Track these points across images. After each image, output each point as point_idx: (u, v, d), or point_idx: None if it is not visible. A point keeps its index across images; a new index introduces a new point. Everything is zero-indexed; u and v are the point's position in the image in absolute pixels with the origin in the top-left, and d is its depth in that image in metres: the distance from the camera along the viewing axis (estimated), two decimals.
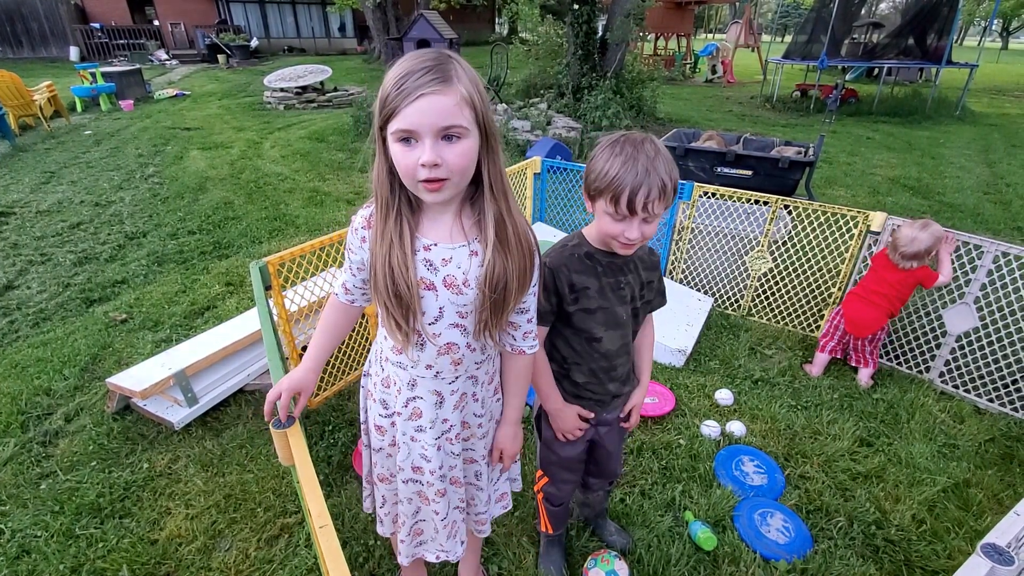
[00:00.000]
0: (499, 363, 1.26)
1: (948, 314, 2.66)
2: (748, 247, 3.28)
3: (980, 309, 2.59)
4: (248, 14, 20.40)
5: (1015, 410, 2.54)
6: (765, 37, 26.33)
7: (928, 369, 2.79)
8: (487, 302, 1.02)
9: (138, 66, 12.10)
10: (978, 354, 2.62)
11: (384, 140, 0.94)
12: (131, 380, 2.32)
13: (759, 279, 3.31)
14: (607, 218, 1.18)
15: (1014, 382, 2.56)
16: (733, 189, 3.19)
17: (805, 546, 1.86)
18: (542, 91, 9.72)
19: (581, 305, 1.29)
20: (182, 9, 19.06)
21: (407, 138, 0.89)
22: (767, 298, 3.37)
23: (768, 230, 3.12)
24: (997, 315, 2.57)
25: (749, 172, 5.10)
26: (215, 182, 5.86)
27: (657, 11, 16.39)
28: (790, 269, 3.23)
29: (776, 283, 3.29)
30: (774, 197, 3.08)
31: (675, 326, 3.02)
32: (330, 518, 0.97)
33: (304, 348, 2.04)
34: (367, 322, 2.69)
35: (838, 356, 2.87)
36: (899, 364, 2.90)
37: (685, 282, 3.57)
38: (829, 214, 3.01)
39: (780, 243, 3.27)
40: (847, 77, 14.55)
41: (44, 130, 8.01)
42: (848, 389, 2.70)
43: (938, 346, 2.73)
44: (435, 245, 1.02)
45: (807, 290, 3.20)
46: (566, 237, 1.35)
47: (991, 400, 2.60)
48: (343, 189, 5.71)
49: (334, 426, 2.38)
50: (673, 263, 3.56)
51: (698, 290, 3.52)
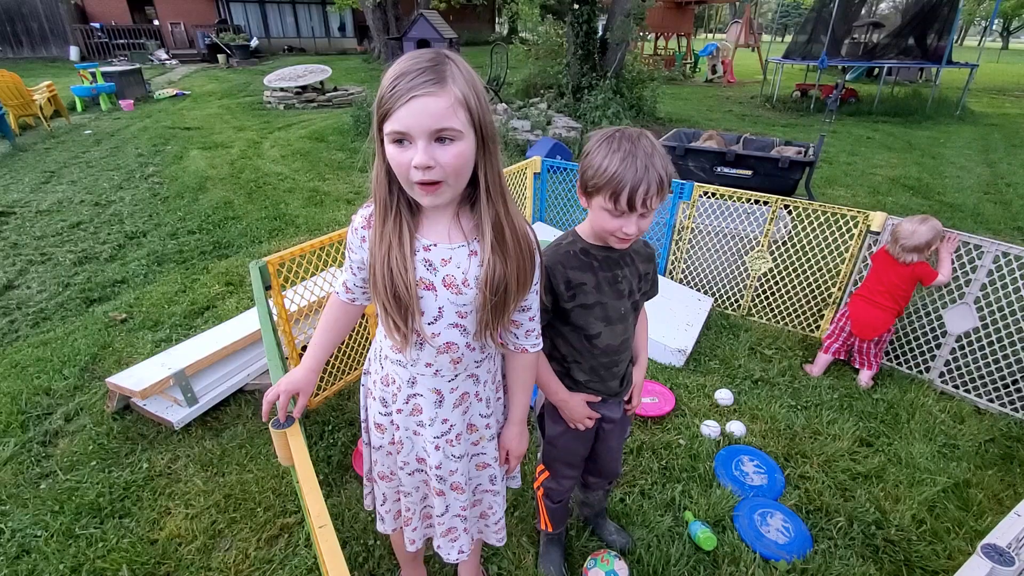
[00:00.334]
0: (500, 362, 1.25)
1: (948, 314, 2.66)
2: (748, 247, 3.28)
3: (980, 309, 2.59)
4: (248, 14, 20.41)
5: (1015, 410, 2.53)
6: (765, 37, 26.34)
7: (928, 369, 2.79)
8: (487, 304, 1.02)
9: (138, 66, 12.09)
10: (978, 354, 2.62)
11: (382, 141, 0.93)
12: (131, 380, 2.32)
13: (759, 279, 3.31)
14: (605, 214, 1.18)
15: (1014, 382, 2.56)
16: (733, 189, 3.19)
17: (805, 546, 1.86)
18: (542, 91, 9.72)
19: (578, 301, 1.30)
20: (182, 9, 19.07)
21: (401, 139, 0.89)
22: (767, 298, 3.37)
23: (768, 230, 3.12)
24: (997, 315, 2.57)
25: (749, 172, 5.10)
26: (215, 182, 5.86)
27: (657, 11, 16.40)
28: (790, 269, 3.23)
29: (776, 283, 3.29)
30: (774, 197, 3.08)
31: (675, 326, 3.02)
32: (329, 518, 0.97)
33: (304, 348, 2.04)
34: (367, 321, 2.69)
35: (842, 358, 2.87)
36: (899, 364, 2.90)
37: (685, 282, 3.57)
38: (829, 214, 3.01)
39: (780, 243, 3.26)
40: (847, 77, 14.55)
41: (44, 130, 8.00)
42: (848, 389, 2.70)
43: (938, 346, 2.73)
44: (434, 245, 1.02)
45: (807, 290, 3.20)
46: (560, 236, 1.35)
47: (991, 400, 2.60)
48: (343, 189, 5.71)
49: (334, 426, 2.38)
50: (673, 263, 3.56)
51: (698, 290, 3.52)
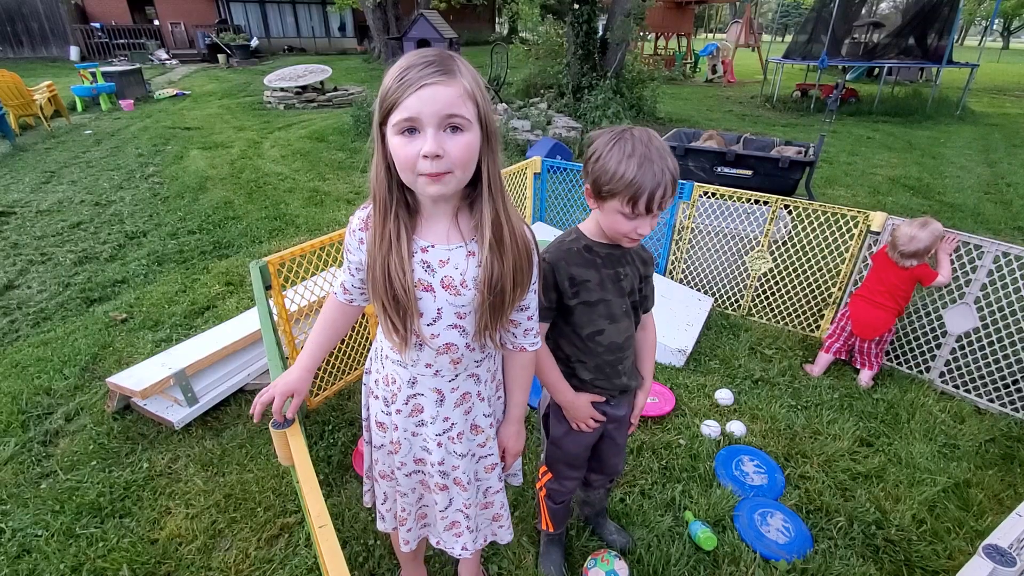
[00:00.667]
0: (500, 361, 1.25)
1: (948, 314, 2.66)
2: (748, 247, 3.27)
3: (980, 309, 2.59)
4: (248, 14, 20.41)
5: (1015, 410, 2.53)
6: (765, 37, 26.32)
7: (928, 369, 2.79)
8: (485, 304, 1.02)
9: (138, 66, 12.09)
10: (978, 354, 2.62)
11: (383, 138, 0.93)
12: (131, 380, 2.32)
13: (759, 279, 3.31)
14: (619, 217, 1.19)
15: (1014, 382, 2.56)
16: (733, 189, 3.19)
17: (805, 546, 1.86)
18: (542, 91, 9.71)
19: (582, 298, 1.30)
20: (182, 9, 19.07)
21: (409, 128, 0.88)
22: (767, 298, 3.37)
23: (768, 230, 3.12)
24: (997, 315, 2.57)
25: (749, 172, 5.10)
26: (215, 182, 5.86)
27: (657, 11, 16.40)
28: (790, 269, 3.23)
29: (776, 283, 3.29)
30: (774, 197, 3.08)
31: (675, 326, 3.02)
32: (330, 518, 0.97)
33: None
34: (367, 321, 2.69)
35: (843, 358, 2.87)
36: (899, 364, 2.90)
37: (685, 282, 3.57)
38: (829, 214, 3.01)
39: (780, 243, 3.26)
40: (847, 77, 14.55)
41: (44, 130, 8.01)
42: (848, 389, 2.70)
43: (938, 346, 2.73)
44: (432, 247, 1.01)
45: (807, 290, 3.20)
46: (562, 234, 1.35)
47: (991, 400, 2.60)
48: (343, 189, 5.71)
49: (334, 426, 2.38)
50: (673, 263, 3.56)
51: (698, 290, 3.52)
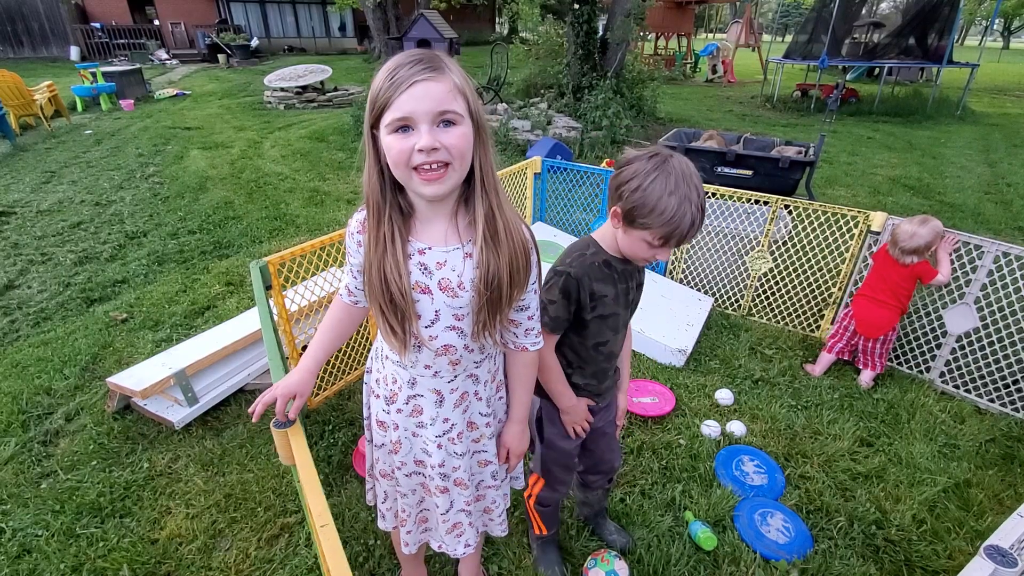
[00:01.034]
0: (501, 361, 1.25)
1: (948, 314, 2.66)
2: (748, 247, 3.27)
3: (980, 309, 2.59)
4: (248, 14, 20.40)
5: (1016, 410, 2.53)
6: (766, 37, 26.29)
7: (928, 369, 2.79)
8: (483, 302, 1.02)
9: (138, 66, 12.10)
10: (978, 354, 2.62)
11: (374, 141, 0.93)
12: (131, 380, 2.32)
13: (759, 279, 3.31)
14: (643, 244, 1.18)
15: (1015, 382, 2.56)
16: (733, 189, 3.19)
17: (805, 546, 1.86)
18: (542, 91, 9.71)
19: (598, 312, 1.30)
20: (182, 9, 19.06)
21: (403, 127, 0.88)
22: (767, 298, 3.37)
23: (768, 230, 3.12)
24: (997, 315, 2.57)
25: (749, 172, 5.10)
26: (215, 182, 5.87)
27: (657, 11, 16.39)
28: (790, 269, 3.23)
29: (776, 283, 3.29)
30: (774, 197, 3.07)
31: (675, 326, 3.02)
32: (331, 517, 0.97)
33: (305, 347, 2.03)
34: (368, 321, 2.69)
35: (845, 358, 2.87)
36: (899, 364, 2.90)
37: (685, 282, 3.57)
38: (829, 214, 3.01)
39: (780, 243, 3.26)
40: (848, 77, 14.55)
41: (45, 130, 8.01)
42: (848, 389, 2.70)
43: (938, 346, 2.73)
44: (429, 249, 1.01)
45: (807, 290, 3.20)
46: (580, 244, 1.32)
47: (992, 400, 2.60)
48: (343, 189, 5.71)
49: (334, 426, 2.38)
50: (673, 263, 3.56)
51: (698, 290, 3.52)
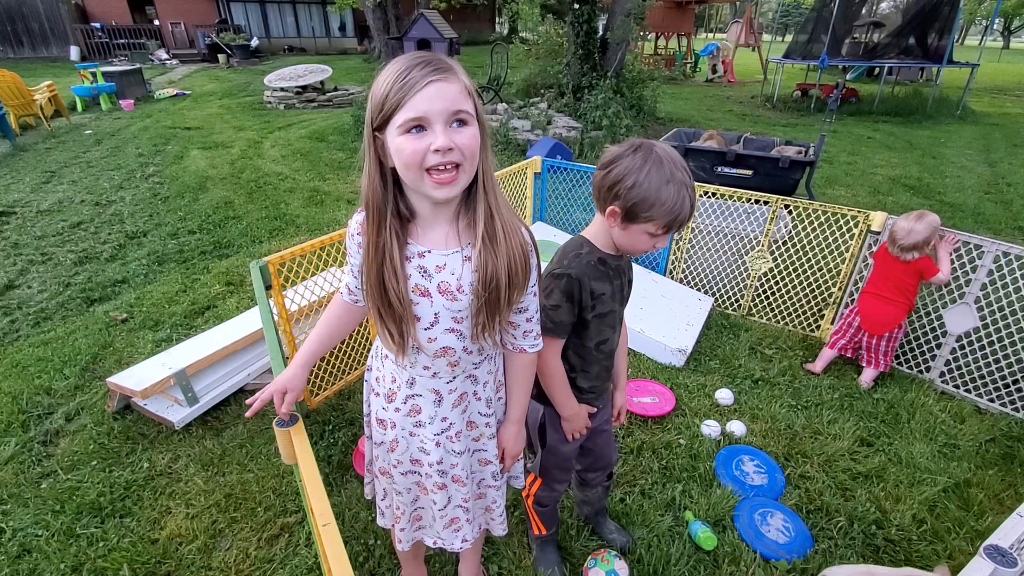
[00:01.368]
0: (501, 362, 1.25)
1: (948, 314, 2.66)
2: (748, 247, 3.27)
3: (980, 309, 2.59)
4: (248, 14, 20.40)
5: (1016, 410, 2.53)
6: (766, 36, 26.29)
7: (928, 369, 2.79)
8: (481, 305, 1.02)
9: (138, 66, 12.10)
10: (979, 354, 2.62)
11: (376, 144, 0.93)
12: (131, 379, 2.32)
13: (759, 279, 3.31)
14: (645, 237, 1.19)
15: (1015, 382, 2.56)
16: (733, 189, 3.19)
17: (805, 546, 1.86)
18: (542, 91, 9.70)
19: (597, 311, 1.29)
20: (182, 9, 19.06)
21: (416, 127, 0.88)
22: (767, 298, 3.37)
23: (768, 230, 3.12)
24: (998, 315, 2.56)
25: (749, 172, 5.09)
26: (215, 181, 5.86)
27: (658, 10, 16.38)
28: (790, 269, 3.23)
29: (776, 283, 3.29)
30: (774, 197, 3.07)
31: (675, 326, 3.02)
32: (333, 517, 0.97)
33: None
34: (367, 321, 2.69)
35: (848, 355, 2.86)
36: (899, 364, 2.90)
37: (685, 282, 3.57)
38: (829, 214, 3.01)
39: (780, 243, 3.26)
40: (848, 77, 14.55)
41: (45, 130, 8.01)
42: (848, 389, 2.70)
43: (938, 346, 2.73)
44: (429, 252, 1.01)
45: (807, 290, 3.20)
46: (573, 244, 1.30)
47: (992, 400, 2.60)
48: (343, 189, 5.71)
49: (335, 425, 2.38)
50: (673, 263, 3.56)
51: (698, 290, 3.52)
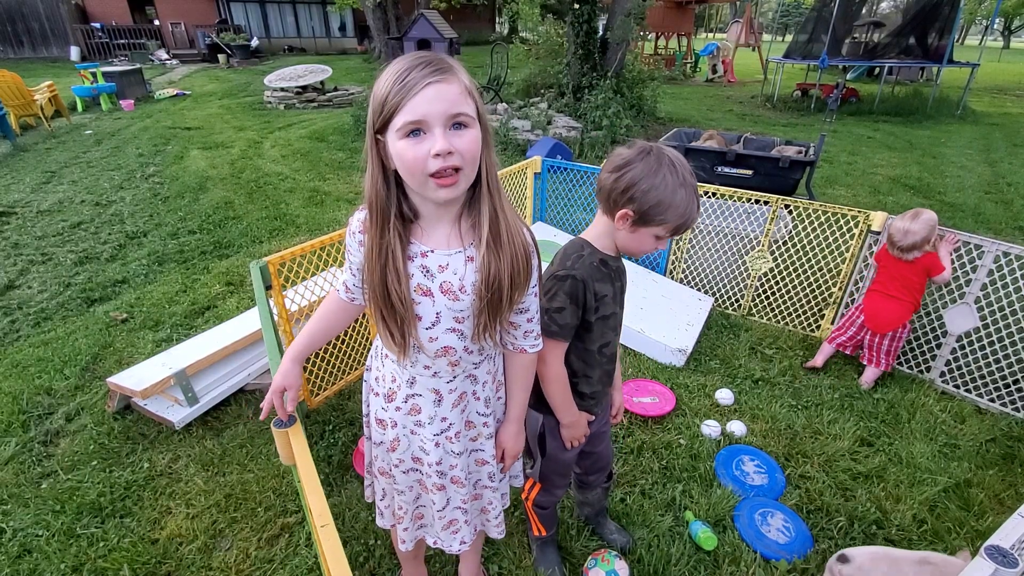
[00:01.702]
0: (501, 362, 1.25)
1: (949, 314, 2.65)
2: (748, 247, 3.27)
3: (981, 309, 2.59)
4: (248, 14, 20.40)
5: (1016, 410, 2.53)
6: (766, 36, 26.28)
7: (929, 369, 2.78)
8: (483, 305, 1.02)
9: (139, 66, 12.10)
10: (979, 354, 2.62)
11: (378, 146, 0.92)
12: (132, 380, 2.32)
13: (759, 279, 3.31)
14: (651, 239, 1.20)
15: (1015, 382, 2.55)
16: (733, 189, 3.19)
17: (805, 546, 1.86)
18: (542, 91, 9.71)
19: (600, 313, 1.29)
20: (182, 9, 19.07)
21: (415, 130, 0.87)
22: (767, 298, 3.37)
23: (768, 230, 3.12)
24: (998, 315, 2.56)
25: (749, 172, 5.09)
26: (215, 182, 5.87)
27: (658, 10, 16.38)
28: (790, 269, 3.23)
29: (776, 283, 3.29)
30: (774, 197, 3.07)
31: (675, 326, 3.02)
32: (331, 517, 0.97)
33: None
34: (367, 321, 2.69)
35: (848, 352, 2.86)
36: (900, 364, 2.89)
37: (685, 282, 3.57)
38: (830, 214, 3.01)
39: (780, 243, 3.26)
40: (848, 76, 14.54)
41: (45, 130, 8.01)
42: (849, 389, 2.70)
43: (939, 346, 2.73)
44: (432, 252, 1.01)
45: (807, 290, 3.20)
46: (574, 247, 1.29)
47: (992, 400, 2.60)
48: (343, 189, 5.71)
49: (334, 426, 2.38)
50: (673, 263, 3.56)
51: (698, 290, 3.52)
